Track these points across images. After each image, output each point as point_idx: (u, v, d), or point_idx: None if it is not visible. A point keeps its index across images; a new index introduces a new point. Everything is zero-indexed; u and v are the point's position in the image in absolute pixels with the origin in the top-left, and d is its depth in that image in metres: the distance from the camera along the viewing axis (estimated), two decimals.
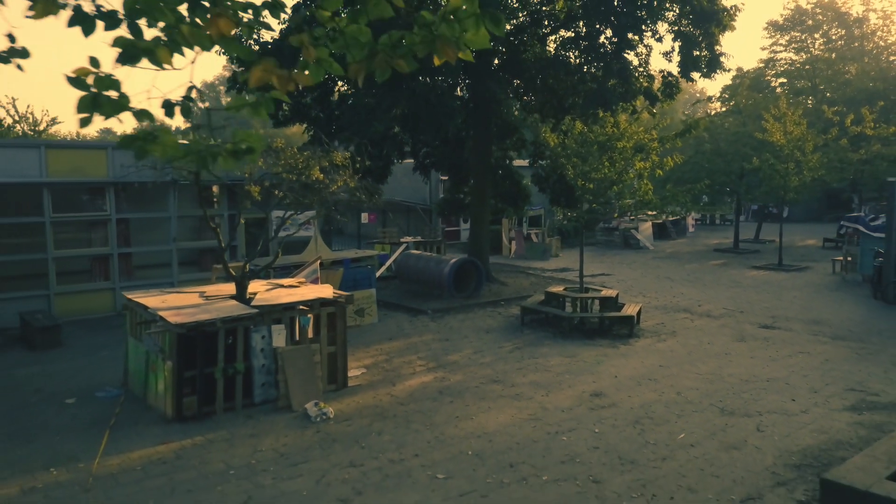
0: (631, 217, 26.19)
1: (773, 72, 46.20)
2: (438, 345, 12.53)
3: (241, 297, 9.66)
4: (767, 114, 23.46)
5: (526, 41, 17.70)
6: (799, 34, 46.99)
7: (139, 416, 8.78)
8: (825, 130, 26.11)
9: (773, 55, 48.10)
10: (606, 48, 16.90)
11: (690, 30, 16.79)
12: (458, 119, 17.63)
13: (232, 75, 16.35)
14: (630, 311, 13.56)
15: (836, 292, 17.95)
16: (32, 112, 43.43)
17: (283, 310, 9.39)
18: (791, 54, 47.47)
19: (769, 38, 48.27)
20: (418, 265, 17.29)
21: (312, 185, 10.55)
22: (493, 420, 8.54)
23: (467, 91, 18.29)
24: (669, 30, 17.15)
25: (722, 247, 29.21)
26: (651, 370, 10.71)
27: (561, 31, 18.16)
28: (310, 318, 9.65)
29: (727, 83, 40.89)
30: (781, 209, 26.81)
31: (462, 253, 20.16)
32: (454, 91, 17.66)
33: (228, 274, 10.08)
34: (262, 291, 10.09)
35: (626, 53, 16.90)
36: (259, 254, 11.65)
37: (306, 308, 9.62)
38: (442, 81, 16.44)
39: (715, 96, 36.03)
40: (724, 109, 33.92)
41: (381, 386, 10.03)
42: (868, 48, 45.47)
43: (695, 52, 16.92)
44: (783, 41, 47.73)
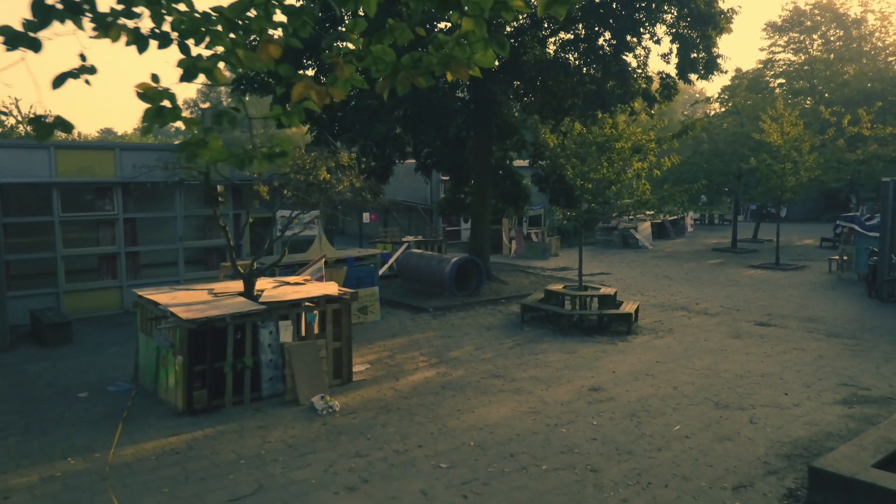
0: (630, 217, 26.44)
1: (772, 72, 46.41)
2: (440, 341, 12.79)
3: (248, 293, 9.93)
4: (764, 114, 23.70)
5: (526, 43, 17.94)
6: (797, 35, 47.19)
7: (151, 410, 9.04)
8: (823, 131, 26.33)
9: (771, 56, 48.34)
10: (605, 50, 17.17)
11: (688, 32, 17.03)
12: (458, 120, 17.83)
13: (236, 78, 16.55)
14: (628, 308, 13.81)
15: (832, 291, 18.20)
16: (35, 113, 43.69)
17: (289, 306, 9.66)
18: (789, 55, 47.70)
19: (768, 38, 48.51)
20: (420, 264, 17.50)
21: (319, 185, 10.81)
22: (494, 413, 8.80)
23: (468, 92, 18.50)
24: (667, 32, 17.39)
25: (720, 246, 29.42)
26: (648, 366, 10.97)
27: (560, 33, 18.40)
28: (316, 314, 9.91)
29: (726, 84, 41.12)
30: (779, 209, 27.07)
31: (463, 252, 20.38)
32: (455, 92, 17.88)
33: (237, 271, 10.35)
34: (270, 288, 10.35)
35: (624, 55, 17.17)
36: (266, 252, 11.93)
37: (312, 305, 9.89)
38: (443, 83, 16.68)
39: (714, 97, 36.21)
40: (722, 110, 34.11)
41: (385, 380, 10.29)
42: (866, 49, 45.69)
43: (692, 55, 17.17)
44: (782, 42, 47.96)
